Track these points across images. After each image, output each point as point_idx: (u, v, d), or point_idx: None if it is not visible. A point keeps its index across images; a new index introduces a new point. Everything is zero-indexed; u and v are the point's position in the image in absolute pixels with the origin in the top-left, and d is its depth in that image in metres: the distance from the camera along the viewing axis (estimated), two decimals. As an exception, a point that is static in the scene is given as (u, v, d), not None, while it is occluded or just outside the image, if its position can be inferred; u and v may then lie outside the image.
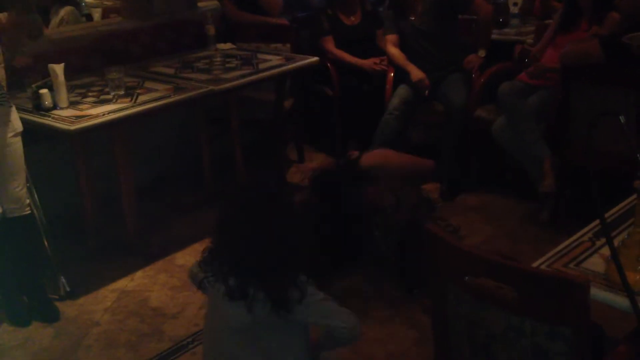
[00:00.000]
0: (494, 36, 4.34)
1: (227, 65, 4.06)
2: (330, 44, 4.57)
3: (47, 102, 3.23)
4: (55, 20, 4.92)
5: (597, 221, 1.94)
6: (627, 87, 3.04)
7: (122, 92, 3.39)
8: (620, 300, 1.62)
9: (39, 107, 3.23)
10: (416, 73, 4.15)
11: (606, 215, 2.01)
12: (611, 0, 3.35)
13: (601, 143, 2.62)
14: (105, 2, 6.07)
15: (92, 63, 4.05)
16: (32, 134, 3.07)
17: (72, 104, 3.30)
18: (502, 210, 3.86)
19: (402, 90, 4.20)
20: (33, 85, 3.27)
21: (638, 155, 1.66)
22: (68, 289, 3.21)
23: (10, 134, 2.83)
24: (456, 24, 4.36)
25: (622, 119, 1.67)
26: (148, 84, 3.65)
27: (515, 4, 4.61)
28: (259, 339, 1.95)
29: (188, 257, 3.47)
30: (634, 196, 1.78)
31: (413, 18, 4.25)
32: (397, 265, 3.21)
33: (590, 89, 3.30)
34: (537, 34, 4.12)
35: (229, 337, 1.97)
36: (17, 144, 2.86)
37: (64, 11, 4.94)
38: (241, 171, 4.16)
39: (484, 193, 4.07)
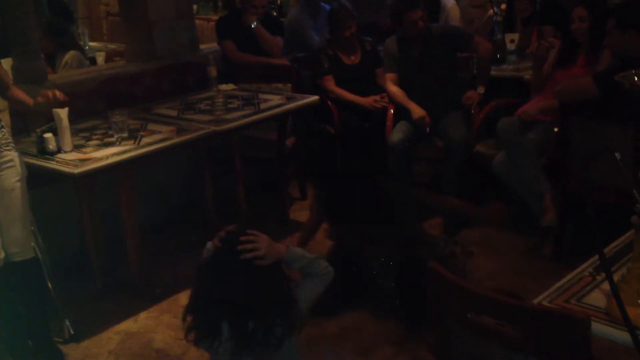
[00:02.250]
0: (492, 73, 4.39)
1: (229, 105, 4.11)
2: (330, 83, 4.63)
3: (52, 146, 3.27)
4: (60, 65, 5.00)
5: (597, 256, 1.95)
6: (624, 122, 3.07)
7: (125, 135, 3.43)
8: (622, 335, 1.63)
9: (43, 151, 3.27)
10: (417, 111, 4.19)
11: (606, 249, 2.03)
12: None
13: (599, 178, 2.64)
14: (109, 46, 6.19)
15: (96, 106, 4.10)
16: (37, 178, 3.10)
17: (76, 147, 3.34)
18: (505, 245, 3.86)
19: (403, 127, 4.24)
20: (37, 130, 3.32)
21: (634, 190, 1.68)
22: (72, 332, 3.21)
23: (15, 179, 2.85)
24: (456, 61, 4.42)
25: (617, 155, 1.69)
26: (151, 126, 3.70)
27: (512, 41, 4.67)
28: None
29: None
30: (633, 231, 1.80)
31: (413, 56, 4.31)
32: (398, 302, 3.21)
33: (589, 124, 3.33)
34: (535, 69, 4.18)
35: None
36: (22, 189, 2.89)
37: (69, 55, 5.03)
38: (244, 209, 4.18)
39: (486, 227, 4.07)
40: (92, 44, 6.38)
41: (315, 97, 4.26)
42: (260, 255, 2.00)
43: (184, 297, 3.48)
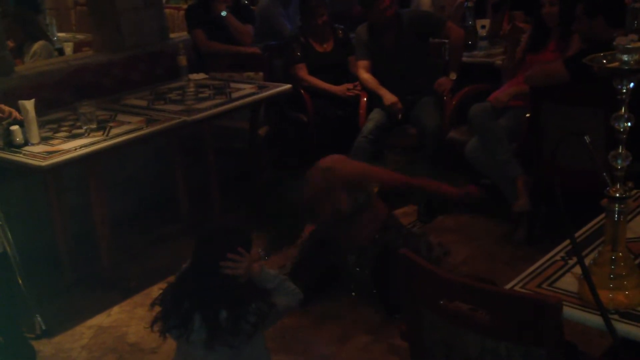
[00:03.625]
0: (463, 59, 4.39)
1: (200, 95, 4.06)
2: (303, 71, 4.59)
3: (18, 138, 3.21)
4: (28, 56, 4.91)
5: (569, 240, 1.95)
6: (594, 106, 3.09)
7: (94, 126, 3.38)
8: (594, 319, 1.63)
9: (10, 144, 3.21)
10: (389, 97, 4.18)
11: (577, 234, 2.03)
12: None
13: (571, 162, 2.65)
14: (77, 36, 6.08)
15: (64, 97, 4.04)
16: (4, 171, 3.04)
17: (44, 140, 3.28)
18: (479, 231, 3.88)
19: (376, 115, 4.23)
20: (3, 122, 3.25)
21: (604, 174, 1.68)
22: (44, 327, 3.16)
23: (-20, 172, 2.80)
24: (428, 47, 4.41)
25: (587, 138, 1.69)
26: (120, 117, 3.64)
27: (483, 27, 4.67)
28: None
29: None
30: (604, 214, 1.80)
31: (385, 43, 4.29)
32: (373, 290, 3.20)
33: (560, 108, 3.34)
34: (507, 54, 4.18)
35: None
36: (-13, 182, 2.83)
37: (37, 45, 4.95)
38: (217, 200, 4.14)
39: (460, 214, 4.08)
40: (60, 34, 6.26)
41: (288, 86, 4.22)
42: (238, 275, 2.05)
43: (157, 290, 3.39)
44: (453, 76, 4.25)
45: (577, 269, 1.83)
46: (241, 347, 2.01)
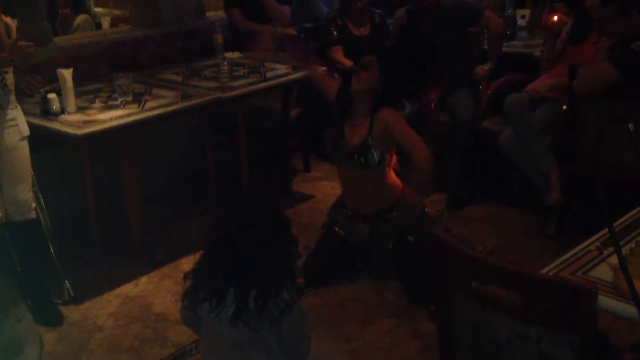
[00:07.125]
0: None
1: (235, 73, 4.07)
2: (339, 54, 4.57)
3: (55, 106, 3.24)
4: (71, 28, 4.99)
5: (605, 230, 1.93)
6: (634, 99, 3.03)
7: (129, 98, 3.40)
8: (628, 309, 1.61)
9: (46, 112, 3.24)
10: (423, 84, 4.15)
11: (615, 224, 2.00)
12: None
13: (608, 155, 2.61)
14: (115, 11, 6.12)
15: (100, 70, 4.08)
16: (40, 139, 3.08)
17: (80, 109, 3.31)
18: (508, 222, 3.84)
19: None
20: (41, 90, 3.29)
21: (646, 163, 1.65)
22: (72, 294, 3.21)
23: (17, 138, 2.83)
24: (466, 36, 4.36)
25: (631, 126, 1.66)
26: (156, 91, 3.67)
27: (523, 17, 4.61)
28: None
29: (192, 263, 3.45)
30: (642, 205, 1.78)
31: (423, 29, 4.25)
32: (394, 273, 3.20)
33: (598, 101, 3.29)
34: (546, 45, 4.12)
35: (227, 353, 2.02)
36: (23, 148, 2.87)
37: (80, 19, 5.02)
38: (247, 179, 4.16)
39: (490, 204, 4.05)
40: (97, 9, 6.31)
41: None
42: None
43: (184, 263, 3.47)
44: (487, 66, 4.19)
45: (612, 259, 1.81)
46: (263, 335, 1.98)
